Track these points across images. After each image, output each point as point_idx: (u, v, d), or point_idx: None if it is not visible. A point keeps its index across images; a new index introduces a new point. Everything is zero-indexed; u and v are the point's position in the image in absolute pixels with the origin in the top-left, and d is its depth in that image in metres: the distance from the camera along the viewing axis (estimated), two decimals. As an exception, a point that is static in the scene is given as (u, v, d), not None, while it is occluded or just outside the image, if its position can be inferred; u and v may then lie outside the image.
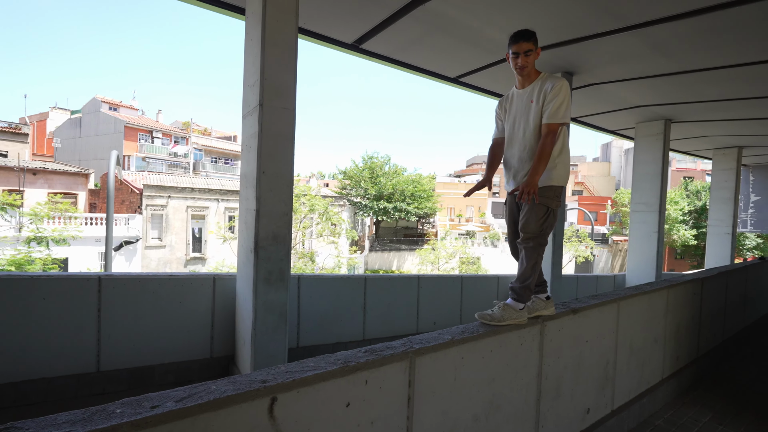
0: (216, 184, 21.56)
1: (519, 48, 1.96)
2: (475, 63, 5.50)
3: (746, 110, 6.85)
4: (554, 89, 1.92)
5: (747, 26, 3.81)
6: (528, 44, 1.96)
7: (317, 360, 1.36)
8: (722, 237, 10.32)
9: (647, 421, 2.79)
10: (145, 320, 3.38)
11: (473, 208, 35.98)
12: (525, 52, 1.97)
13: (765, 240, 25.39)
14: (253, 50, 3.30)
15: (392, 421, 1.42)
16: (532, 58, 2.00)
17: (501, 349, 1.79)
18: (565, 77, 5.53)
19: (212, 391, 1.11)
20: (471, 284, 5.89)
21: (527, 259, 1.98)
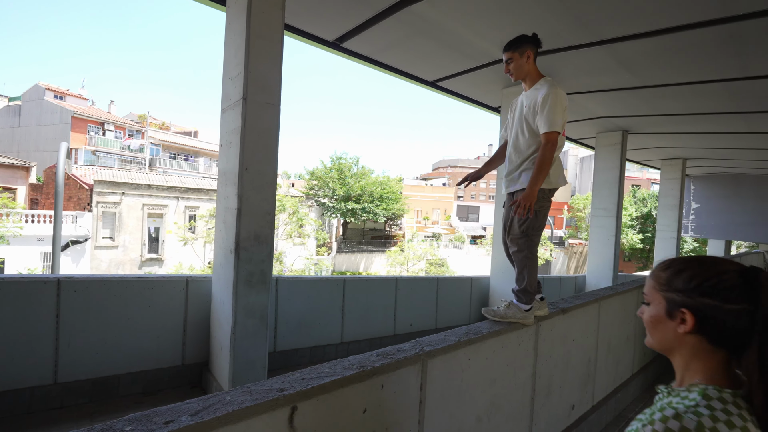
0: (175, 181, 20.47)
1: (505, 57, 2.09)
2: (454, 68, 5.60)
3: (692, 125, 7.47)
4: (544, 97, 1.96)
5: (701, 48, 4.15)
6: (507, 53, 2.08)
7: (332, 365, 1.30)
8: (668, 241, 11.18)
9: (621, 415, 2.95)
10: (109, 326, 3.12)
11: (439, 210, 36.65)
12: (506, 60, 2.08)
13: (701, 244, 27.86)
14: (236, 41, 3.15)
15: (405, 426, 1.40)
16: (515, 65, 2.08)
17: (503, 350, 1.81)
18: (537, 86, 5.80)
19: (228, 402, 1.03)
20: (446, 286, 5.97)
21: (517, 265, 2.02)
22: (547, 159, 1.90)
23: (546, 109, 1.94)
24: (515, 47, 2.05)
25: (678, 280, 0.77)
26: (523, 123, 2.03)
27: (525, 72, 2.08)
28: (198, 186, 20.83)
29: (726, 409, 0.65)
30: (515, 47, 2.05)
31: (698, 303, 0.73)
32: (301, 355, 4.35)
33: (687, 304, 0.75)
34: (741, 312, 0.70)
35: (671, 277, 0.78)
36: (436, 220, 35.17)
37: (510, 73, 2.10)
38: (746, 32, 3.68)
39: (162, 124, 36.76)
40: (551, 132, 1.93)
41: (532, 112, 2.01)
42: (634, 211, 30.20)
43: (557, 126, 1.93)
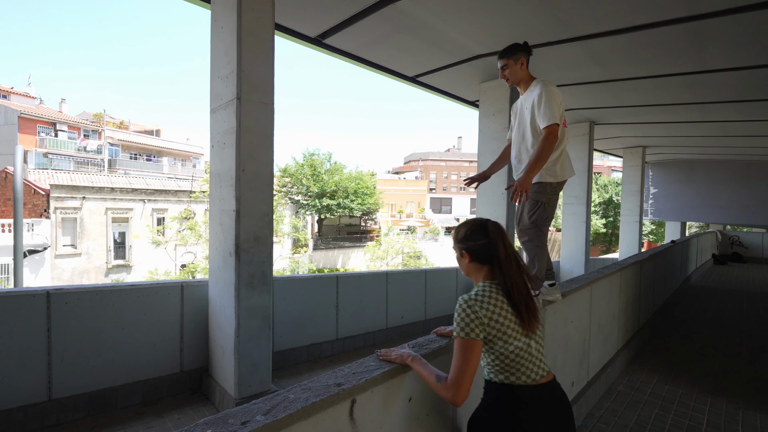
0: (140, 183, 19.53)
1: (500, 64, 2.24)
2: (435, 63, 5.69)
3: (652, 115, 7.98)
4: (539, 95, 2.09)
5: (665, 44, 4.45)
6: (503, 61, 2.22)
7: (375, 359, 1.36)
8: (632, 225, 11.89)
9: (611, 389, 3.18)
10: (104, 337, 3.01)
11: (413, 204, 37.00)
12: (501, 67, 2.20)
13: (657, 226, 29.77)
14: (226, 39, 3.08)
15: (441, 410, 1.48)
16: (510, 71, 2.21)
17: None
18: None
19: (293, 400, 1.07)
20: (433, 277, 6.11)
21: (527, 253, 2.14)
22: (545, 150, 2.02)
23: (542, 105, 2.06)
24: (510, 55, 2.17)
25: (457, 235, 1.41)
26: (527, 124, 2.14)
27: (519, 77, 2.19)
28: (165, 187, 19.97)
29: (489, 290, 1.28)
30: (510, 55, 2.17)
31: (466, 245, 1.37)
32: (298, 354, 4.35)
33: (462, 247, 1.38)
34: (483, 244, 1.33)
35: (455, 235, 1.43)
36: (410, 213, 35.53)
37: (506, 79, 2.21)
38: (706, 30, 3.99)
39: (120, 123, 34.81)
40: (551, 125, 2.05)
41: (531, 112, 2.13)
42: (597, 198, 31.80)
43: (555, 118, 2.05)
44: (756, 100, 6.24)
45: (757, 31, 3.94)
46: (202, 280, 3.56)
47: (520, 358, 1.24)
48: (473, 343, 1.19)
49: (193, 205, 19.63)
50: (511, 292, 1.26)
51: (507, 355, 1.23)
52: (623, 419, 2.73)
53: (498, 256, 1.29)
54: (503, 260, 1.29)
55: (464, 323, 1.21)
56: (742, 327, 5.37)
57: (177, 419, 2.98)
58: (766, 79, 5.33)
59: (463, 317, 1.22)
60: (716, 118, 7.68)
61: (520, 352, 1.24)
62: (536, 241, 2.11)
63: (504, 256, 1.29)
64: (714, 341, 4.63)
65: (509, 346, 1.23)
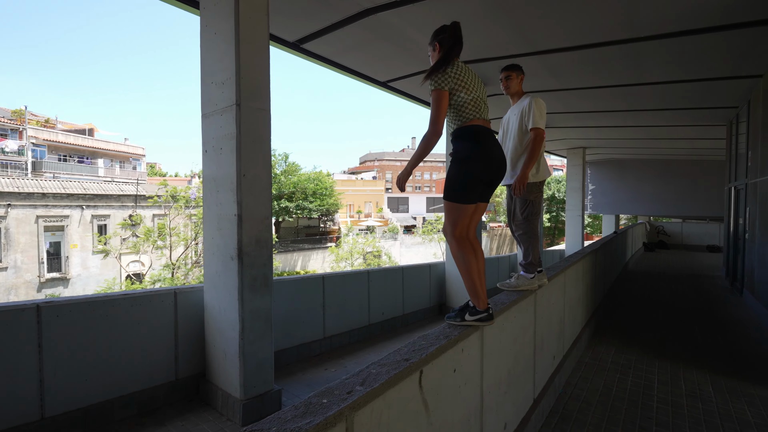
0: (76, 187, 17.91)
1: (504, 75, 2.60)
2: (407, 70, 5.99)
3: (592, 120, 8.93)
4: (529, 103, 2.48)
5: (610, 60, 5.10)
6: (506, 72, 2.59)
7: (422, 338, 1.59)
8: (576, 218, 13.09)
9: (580, 360, 3.66)
10: (98, 350, 2.92)
11: (371, 203, 37.31)
12: (505, 77, 2.55)
13: (593, 219, 32.69)
14: (221, 46, 3.11)
15: (473, 379, 1.74)
16: (511, 82, 2.57)
17: (519, 315, 2.25)
18: (478, 88, 6.46)
19: (377, 373, 1.26)
20: (410, 274, 6.41)
21: (522, 244, 2.48)
22: (536, 149, 2.40)
23: (531, 111, 2.43)
24: (515, 69, 2.55)
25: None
26: (515, 128, 2.48)
27: (516, 89, 2.54)
28: (106, 191, 18.48)
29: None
30: (515, 69, 2.55)
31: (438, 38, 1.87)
32: (288, 354, 4.42)
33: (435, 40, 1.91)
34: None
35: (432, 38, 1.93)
36: (369, 213, 35.81)
37: (506, 87, 2.55)
38: (642, 50, 4.66)
39: (46, 121, 31.41)
40: (537, 128, 2.42)
41: (520, 117, 2.48)
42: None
43: (541, 124, 2.44)
44: (677, 108, 7.26)
45: (681, 52, 4.67)
46: (195, 286, 3.53)
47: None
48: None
49: (139, 210, 18.38)
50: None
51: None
52: (593, 384, 3.18)
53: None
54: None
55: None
56: (673, 302, 6.27)
57: (181, 426, 2.98)
58: (685, 91, 6.26)
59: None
60: (645, 123, 8.78)
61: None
62: (529, 233, 2.46)
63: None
64: (653, 316, 5.38)
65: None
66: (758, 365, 3.69)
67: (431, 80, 1.76)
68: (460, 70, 1.77)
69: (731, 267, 7.44)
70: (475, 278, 1.81)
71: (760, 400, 2.95)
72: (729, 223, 7.60)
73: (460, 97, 1.76)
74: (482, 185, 1.78)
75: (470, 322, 1.75)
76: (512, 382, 2.17)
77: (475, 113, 1.80)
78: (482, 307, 1.77)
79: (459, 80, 1.75)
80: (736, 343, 4.32)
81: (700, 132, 9.44)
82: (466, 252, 1.80)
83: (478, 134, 1.79)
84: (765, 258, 4.89)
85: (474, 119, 1.80)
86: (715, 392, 3.08)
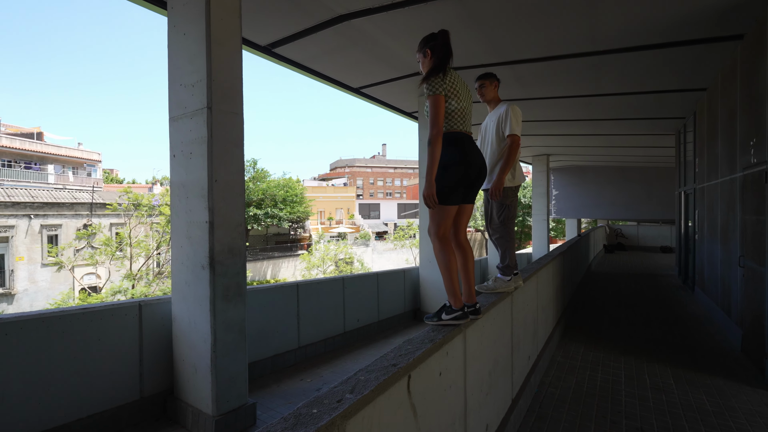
0: (23, 195, 16.63)
1: (478, 83, 2.68)
2: (379, 77, 6.04)
3: (555, 128, 9.36)
4: (506, 110, 2.56)
5: (572, 72, 5.39)
6: (480, 81, 2.67)
7: (410, 342, 1.58)
8: (542, 222, 13.60)
9: (552, 359, 3.77)
10: (53, 370, 2.69)
11: (342, 210, 37.12)
12: (479, 86, 2.63)
13: (556, 223, 34.15)
14: (191, 47, 3.01)
15: (457, 381, 1.75)
16: (486, 90, 2.66)
17: (498, 317, 2.29)
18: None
19: (365, 380, 1.24)
20: (384, 280, 6.40)
21: (500, 247, 2.54)
22: (512, 156, 2.47)
23: (508, 119, 2.51)
24: (488, 77, 2.62)
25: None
26: (493, 134, 2.55)
27: (491, 96, 2.62)
28: (57, 199, 17.27)
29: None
30: (488, 77, 2.62)
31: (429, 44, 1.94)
32: (262, 366, 4.27)
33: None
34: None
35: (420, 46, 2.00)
36: (340, 220, 35.57)
37: (481, 95, 2.62)
38: (602, 63, 4.95)
39: (-13, 124, 29.06)
40: (513, 134, 2.50)
41: (497, 124, 2.56)
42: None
43: (517, 131, 2.52)
44: (631, 118, 7.76)
45: (635, 66, 5.00)
46: (162, 298, 3.35)
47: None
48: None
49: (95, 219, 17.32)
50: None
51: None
52: (566, 382, 3.29)
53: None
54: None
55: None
56: (634, 301, 6.63)
57: (147, 448, 2.79)
58: (638, 103, 6.71)
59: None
60: (603, 132, 9.31)
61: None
62: (506, 237, 2.52)
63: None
64: (616, 314, 5.67)
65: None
66: (710, 356, 3.96)
67: (428, 85, 1.82)
68: (453, 79, 1.86)
69: (683, 266, 7.98)
70: (453, 277, 1.86)
71: (715, 389, 3.16)
72: (680, 226, 8.16)
73: (450, 104, 1.84)
74: (463, 188, 1.83)
75: (446, 321, 1.79)
76: (493, 384, 2.20)
77: (460, 123, 1.88)
78: (457, 306, 1.81)
79: (451, 88, 1.84)
80: (691, 336, 4.62)
81: (652, 141, 10.12)
82: (447, 252, 1.84)
83: (459, 141, 1.86)
84: (713, 257, 5.28)
85: (457, 128, 1.85)
86: (676, 384, 3.27)
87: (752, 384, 3.24)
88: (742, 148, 4.04)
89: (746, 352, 3.92)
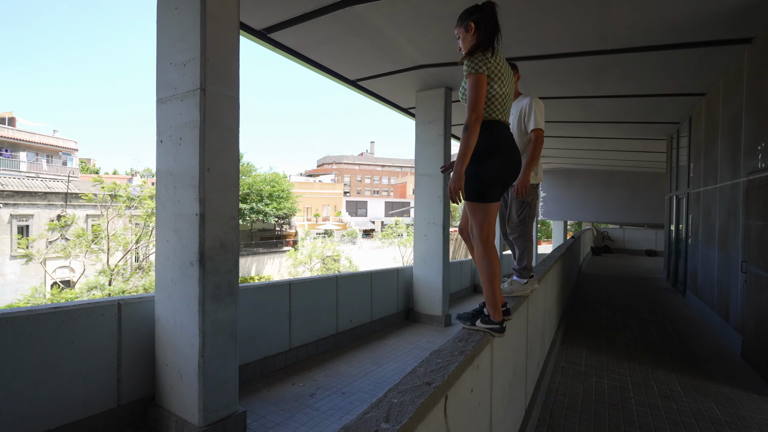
0: (-8, 183, 15.73)
1: None
2: (378, 69, 5.82)
3: (549, 129, 9.31)
4: (529, 104, 2.40)
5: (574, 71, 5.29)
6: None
7: (435, 355, 1.39)
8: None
9: (557, 365, 3.65)
10: (18, 376, 2.40)
11: (329, 207, 36.75)
12: None
13: (541, 224, 34.63)
14: (183, 22, 2.74)
15: (485, 397, 1.58)
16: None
17: (517, 323, 2.13)
18: (446, 91, 6.46)
19: (400, 403, 1.05)
20: (378, 279, 6.20)
21: (518, 247, 2.38)
22: (537, 150, 2.31)
23: (532, 113, 2.34)
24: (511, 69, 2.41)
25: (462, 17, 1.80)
26: (515, 129, 2.38)
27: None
28: (29, 188, 16.41)
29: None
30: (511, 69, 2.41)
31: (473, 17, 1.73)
32: (252, 369, 4.02)
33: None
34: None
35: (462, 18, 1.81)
36: (327, 217, 35.17)
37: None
38: (606, 63, 4.86)
39: (-46, 108, 27.47)
40: (538, 129, 2.34)
41: (519, 118, 2.39)
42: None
43: (541, 125, 2.36)
44: (626, 122, 7.77)
45: (639, 67, 4.94)
46: (144, 296, 3.07)
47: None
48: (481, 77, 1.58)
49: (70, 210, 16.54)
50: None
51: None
52: (573, 389, 3.17)
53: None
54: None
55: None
56: (627, 304, 6.63)
57: (125, 462, 2.53)
58: (636, 106, 6.70)
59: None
60: (596, 135, 9.33)
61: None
62: (525, 237, 2.36)
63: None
64: (612, 318, 5.62)
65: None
66: (711, 362, 3.92)
67: (469, 62, 1.61)
68: (499, 60, 1.66)
69: (672, 270, 8.06)
70: (496, 287, 1.68)
71: (723, 397, 3.09)
72: (670, 230, 8.24)
73: (493, 88, 1.64)
74: (503, 184, 1.65)
75: (480, 328, 1.62)
76: (512, 395, 2.04)
77: (500, 111, 1.68)
78: (497, 319, 1.63)
79: (496, 70, 1.63)
80: (689, 341, 4.60)
81: (642, 145, 10.22)
82: (491, 257, 1.66)
83: (500, 131, 1.67)
84: (709, 262, 5.29)
85: (496, 116, 1.67)
86: (684, 392, 3.19)
87: (759, 392, 3.19)
88: (748, 153, 4.00)
89: (746, 358, 3.90)
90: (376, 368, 4.36)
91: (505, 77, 1.67)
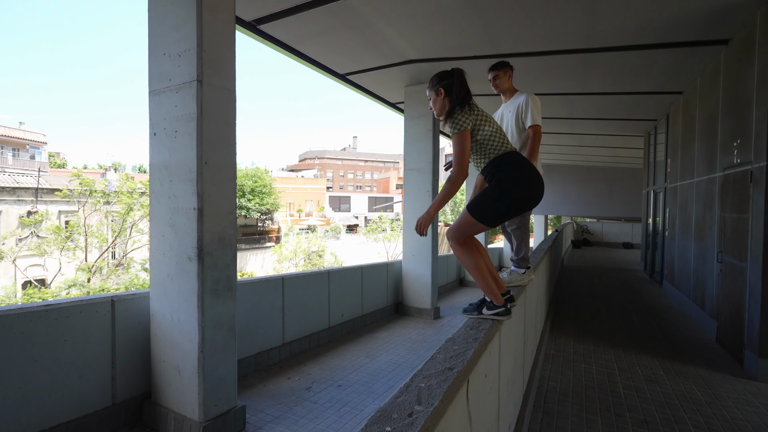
0: (-44, 178, 14.91)
1: (491, 75, 2.53)
2: (368, 63, 5.81)
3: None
4: (526, 100, 2.47)
5: (561, 69, 5.43)
6: (494, 72, 2.54)
7: (451, 342, 1.44)
8: (514, 218, 13.96)
9: (546, 353, 3.79)
10: (10, 376, 2.33)
11: (312, 202, 36.45)
12: (493, 77, 2.52)
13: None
14: (177, 12, 2.68)
15: (494, 382, 1.64)
16: (500, 81, 2.54)
17: (516, 311, 2.21)
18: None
19: (429, 387, 1.09)
20: (368, 273, 6.24)
21: (516, 239, 2.46)
22: (536, 146, 2.39)
23: (529, 109, 2.42)
24: (501, 68, 2.51)
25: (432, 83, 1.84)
26: (513, 125, 2.45)
27: (507, 86, 2.51)
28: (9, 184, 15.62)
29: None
30: (501, 68, 2.51)
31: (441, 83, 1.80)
32: (246, 364, 3.99)
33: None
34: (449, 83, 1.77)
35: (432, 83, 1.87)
36: (310, 212, 34.89)
37: (495, 87, 2.51)
38: (593, 60, 5.01)
39: None
40: (536, 125, 2.42)
41: (516, 114, 2.45)
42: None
43: (539, 120, 2.44)
44: (607, 119, 8.03)
45: (622, 66, 5.11)
46: (138, 293, 3.01)
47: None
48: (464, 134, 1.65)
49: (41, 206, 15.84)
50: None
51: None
52: (564, 375, 3.30)
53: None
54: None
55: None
56: (608, 295, 6.90)
57: (124, 460, 2.49)
58: (618, 103, 6.93)
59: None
60: (577, 131, 9.60)
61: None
62: (522, 228, 2.44)
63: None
64: (596, 307, 5.85)
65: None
66: (690, 347, 4.15)
67: (452, 124, 1.69)
68: (477, 108, 1.76)
69: (649, 261, 8.41)
70: (486, 276, 1.75)
71: (702, 380, 3.29)
72: (647, 223, 8.59)
73: (484, 131, 1.73)
74: (515, 210, 1.71)
75: (488, 316, 1.70)
76: (514, 381, 2.12)
77: (502, 143, 1.76)
78: (499, 302, 1.71)
79: (479, 116, 1.73)
80: (668, 328, 4.84)
81: (620, 141, 10.58)
82: (470, 252, 1.75)
83: (522, 165, 1.74)
84: (685, 252, 5.56)
85: (505, 149, 1.75)
86: (666, 375, 3.37)
87: (734, 374, 3.41)
88: (724, 149, 4.22)
89: (721, 342, 4.14)
90: (370, 361, 4.41)
91: (489, 117, 1.77)
